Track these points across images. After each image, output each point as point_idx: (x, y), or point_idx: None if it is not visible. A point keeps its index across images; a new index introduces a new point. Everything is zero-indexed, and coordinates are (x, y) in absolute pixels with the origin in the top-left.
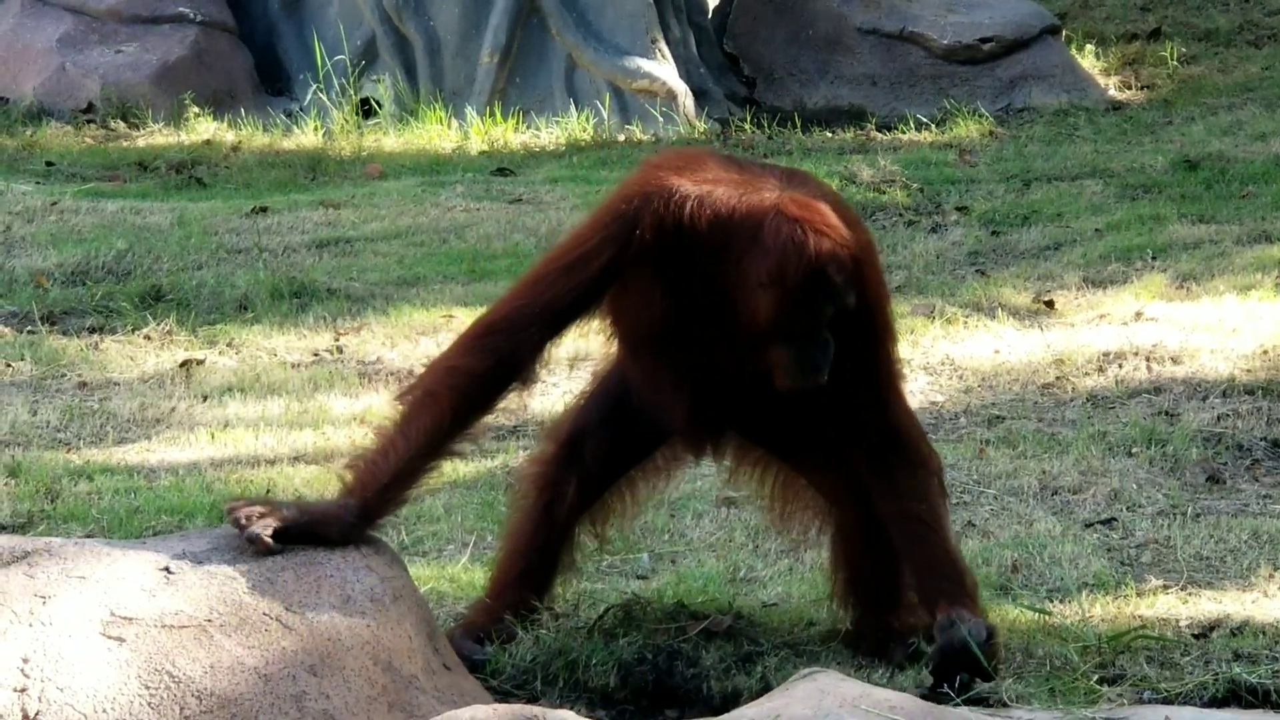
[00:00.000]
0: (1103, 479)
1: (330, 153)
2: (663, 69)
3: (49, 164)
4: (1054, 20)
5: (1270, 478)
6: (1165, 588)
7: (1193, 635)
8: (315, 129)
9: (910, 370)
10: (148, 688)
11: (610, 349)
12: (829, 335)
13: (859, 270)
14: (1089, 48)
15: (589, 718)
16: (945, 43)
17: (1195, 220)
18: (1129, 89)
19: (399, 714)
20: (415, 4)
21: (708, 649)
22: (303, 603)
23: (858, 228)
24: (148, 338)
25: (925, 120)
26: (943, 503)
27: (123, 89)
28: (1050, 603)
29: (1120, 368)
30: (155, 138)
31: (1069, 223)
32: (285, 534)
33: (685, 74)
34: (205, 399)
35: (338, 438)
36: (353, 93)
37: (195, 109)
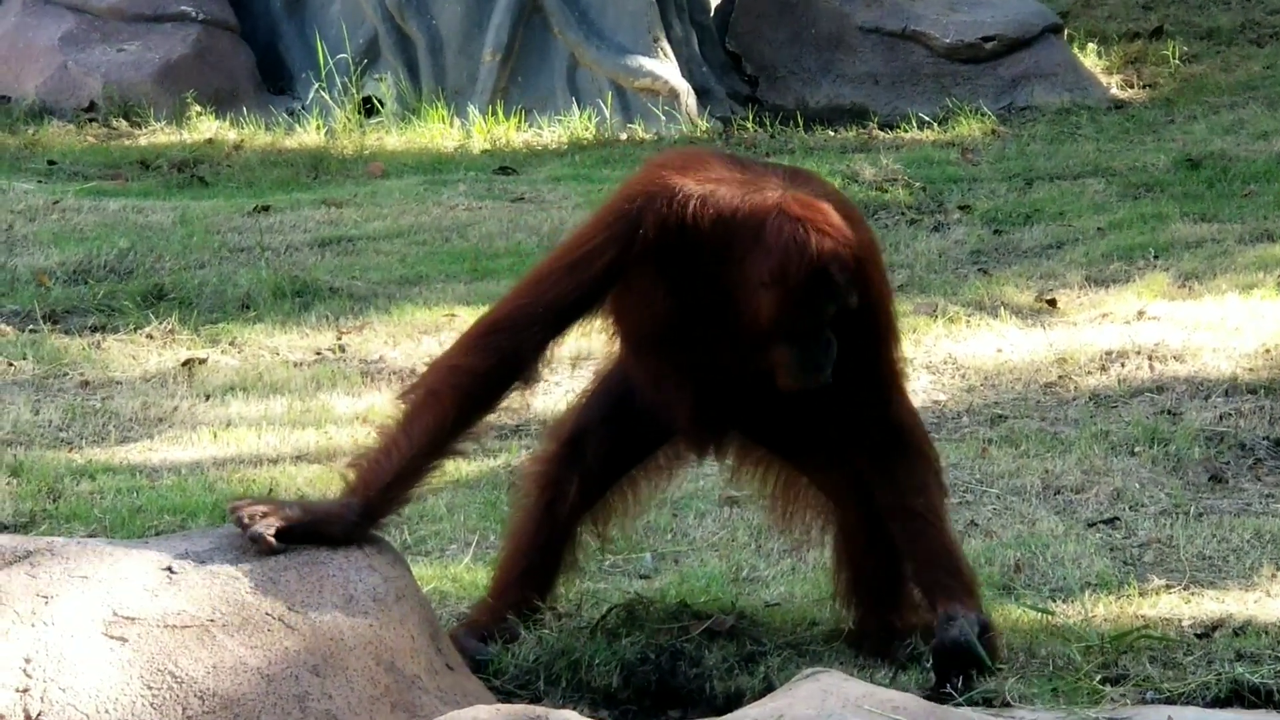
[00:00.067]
0: (1105, 478)
1: (332, 151)
2: (665, 68)
3: (51, 163)
4: (1056, 19)
5: (1273, 477)
6: (1168, 587)
7: (1195, 635)
8: (317, 128)
9: (913, 369)
10: (150, 688)
11: (612, 348)
12: (831, 335)
13: (861, 269)
14: (1091, 46)
15: (592, 718)
16: (947, 41)
17: (1197, 219)
18: (1131, 88)
19: (402, 714)
20: (417, 3)
21: (710, 649)
22: (305, 602)
23: (860, 227)
24: (150, 337)
25: (927, 119)
26: (942, 498)
27: (125, 88)
28: (1053, 602)
29: (1123, 367)
30: (157, 136)
31: (1071, 221)
32: (288, 533)
33: (687, 73)
34: (208, 398)
35: (340, 437)
36: (355, 91)
37: (197, 108)
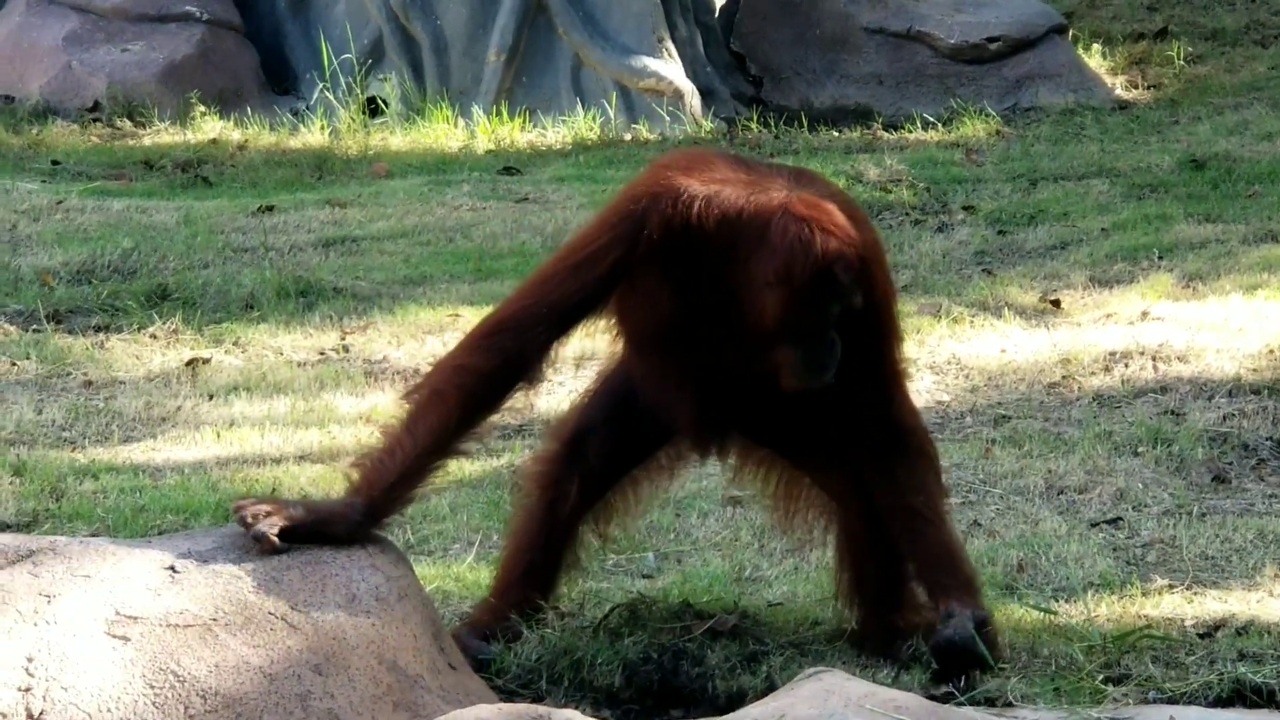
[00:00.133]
0: (1108, 478)
1: (336, 152)
2: (669, 68)
3: (55, 163)
4: (1061, 20)
5: (1276, 477)
6: (1170, 587)
7: (1198, 635)
8: (322, 128)
9: (916, 369)
10: (152, 687)
11: (615, 348)
12: (836, 335)
13: (866, 270)
14: (1096, 47)
15: (594, 717)
16: (952, 42)
17: (1201, 220)
18: (1135, 88)
19: (404, 713)
20: (422, 3)
21: (713, 648)
22: (308, 602)
23: (865, 227)
24: (153, 336)
25: (932, 119)
26: (942, 497)
27: (129, 88)
28: (1055, 602)
29: (1126, 367)
30: (161, 136)
31: (1075, 222)
32: (291, 533)
33: (692, 73)
34: (211, 398)
35: (344, 436)
36: (359, 92)
37: (201, 108)
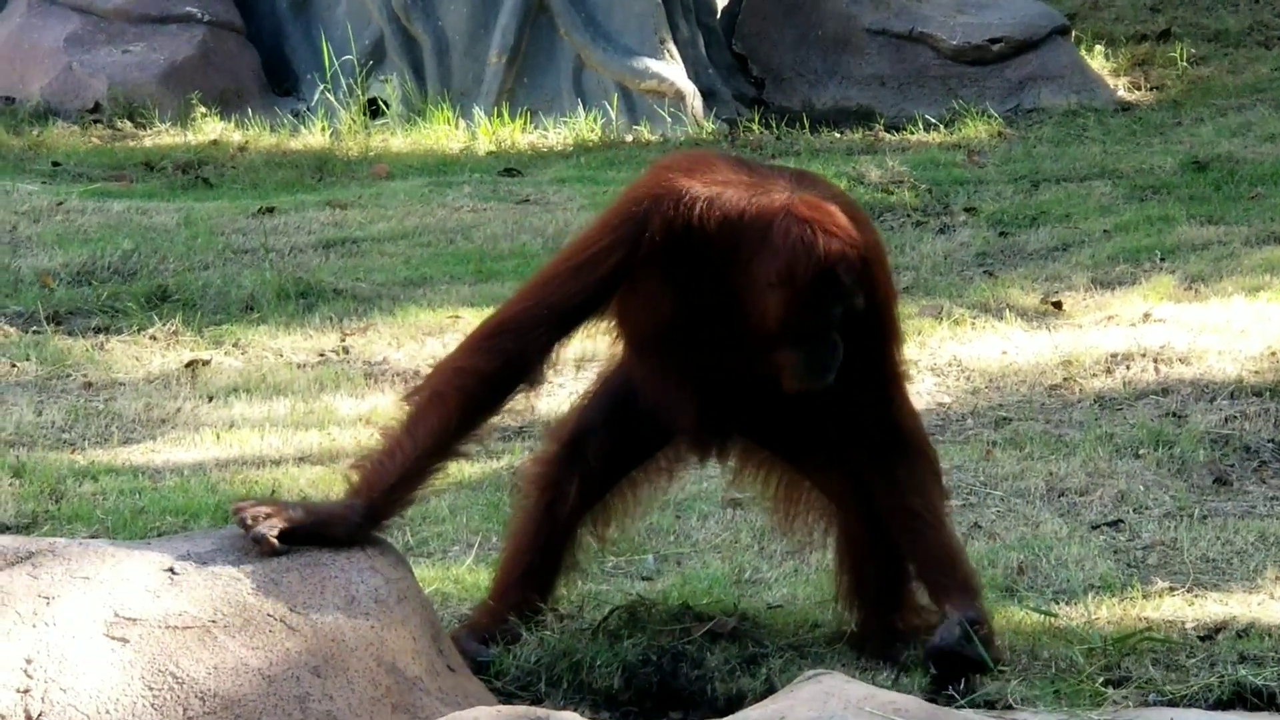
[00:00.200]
0: (1109, 481)
1: (337, 153)
2: (671, 69)
3: (55, 164)
4: (1063, 21)
5: (1277, 480)
6: (1171, 590)
7: (1199, 637)
8: (322, 129)
9: (918, 371)
10: (151, 689)
11: (615, 349)
12: (838, 337)
13: (868, 271)
14: (1098, 48)
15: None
16: (954, 43)
17: (1204, 221)
18: (1138, 90)
19: (403, 715)
20: (423, 4)
21: (712, 651)
22: (307, 604)
23: (867, 229)
24: (153, 338)
25: (934, 121)
26: (942, 498)
27: (129, 89)
28: (1056, 605)
29: (1128, 369)
30: (162, 138)
31: (1077, 224)
32: (291, 535)
33: (693, 74)
34: (211, 399)
35: (343, 438)
36: (360, 93)
37: (202, 109)
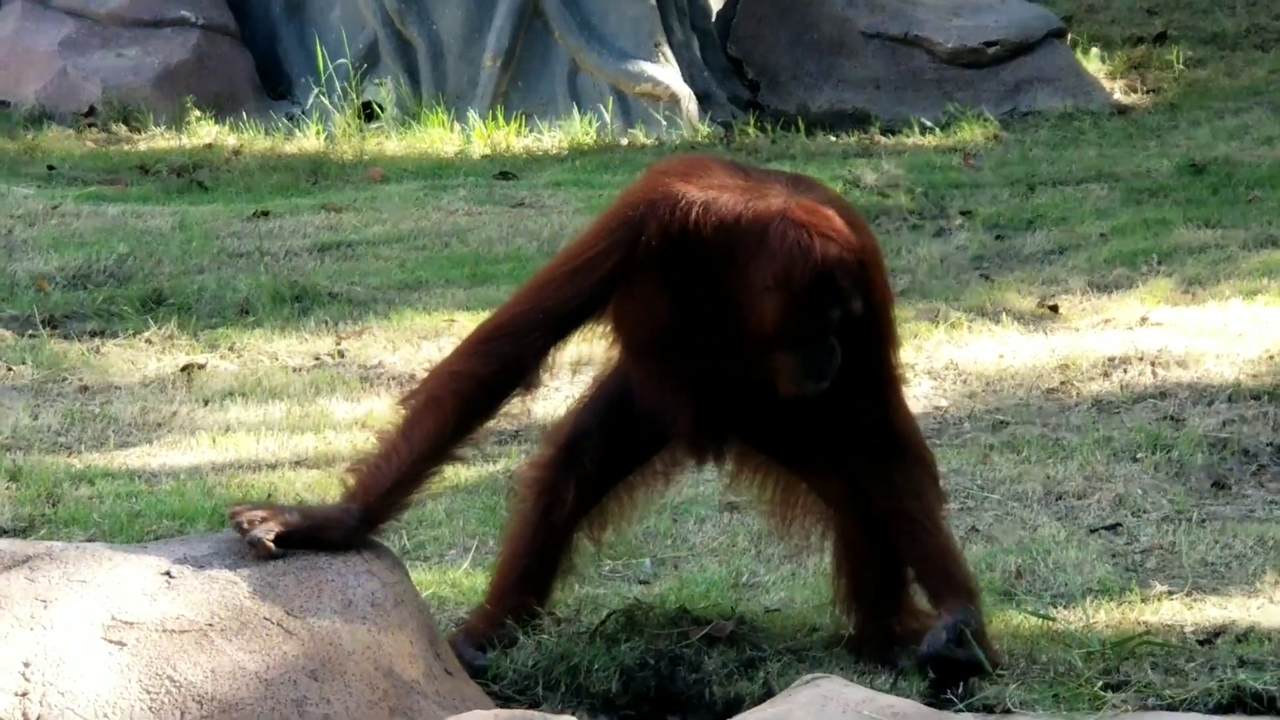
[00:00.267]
0: (1107, 484)
1: (332, 156)
2: (666, 72)
3: (50, 168)
4: (1059, 24)
5: (1276, 483)
6: (1170, 593)
7: (1198, 641)
8: (317, 132)
9: (914, 375)
10: (148, 692)
11: (612, 354)
12: (835, 341)
13: (865, 275)
14: (1094, 51)
15: None
16: (950, 46)
17: (1201, 225)
18: (1134, 93)
19: (400, 719)
20: (418, 7)
21: (710, 654)
22: (304, 607)
23: (863, 232)
24: (149, 342)
25: (929, 124)
26: (939, 502)
27: (124, 92)
28: (1054, 608)
29: (1125, 373)
30: (156, 141)
31: (1074, 227)
32: (287, 538)
33: (689, 77)
34: (206, 403)
35: (339, 442)
36: (355, 96)
37: (197, 112)
